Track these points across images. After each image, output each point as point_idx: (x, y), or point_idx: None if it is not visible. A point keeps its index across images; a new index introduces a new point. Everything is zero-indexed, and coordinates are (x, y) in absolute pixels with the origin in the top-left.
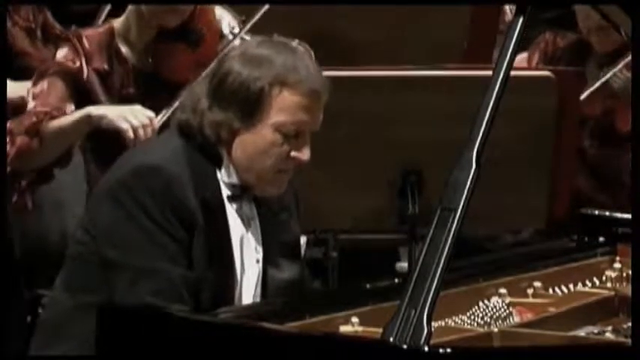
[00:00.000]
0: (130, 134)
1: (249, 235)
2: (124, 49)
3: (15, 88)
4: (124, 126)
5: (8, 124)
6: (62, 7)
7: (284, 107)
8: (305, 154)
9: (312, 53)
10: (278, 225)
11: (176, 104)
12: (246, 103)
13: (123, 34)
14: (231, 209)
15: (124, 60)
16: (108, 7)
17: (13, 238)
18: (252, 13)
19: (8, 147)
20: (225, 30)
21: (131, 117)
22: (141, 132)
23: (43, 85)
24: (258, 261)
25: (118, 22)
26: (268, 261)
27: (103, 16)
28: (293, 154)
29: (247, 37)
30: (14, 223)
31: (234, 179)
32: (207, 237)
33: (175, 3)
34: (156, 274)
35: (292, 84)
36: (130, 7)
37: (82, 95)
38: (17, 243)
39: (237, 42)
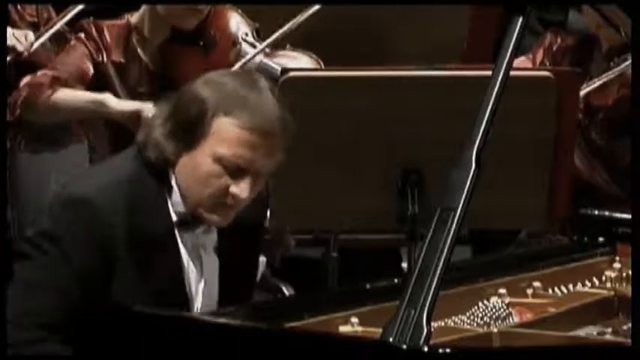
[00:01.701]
0: (145, 116)
1: (199, 264)
2: (138, 46)
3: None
4: (144, 109)
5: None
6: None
7: (225, 138)
8: (242, 192)
9: (322, 64)
10: (238, 250)
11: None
12: (189, 126)
13: (138, 31)
14: (181, 237)
15: (138, 57)
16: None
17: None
18: (262, 17)
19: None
20: (239, 37)
21: (150, 106)
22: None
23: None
24: (207, 283)
25: (134, 18)
26: (223, 282)
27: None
28: (232, 189)
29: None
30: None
31: (182, 207)
32: (148, 267)
33: (177, 3)
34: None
35: (235, 114)
36: (145, 5)
37: (101, 89)
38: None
39: (252, 52)
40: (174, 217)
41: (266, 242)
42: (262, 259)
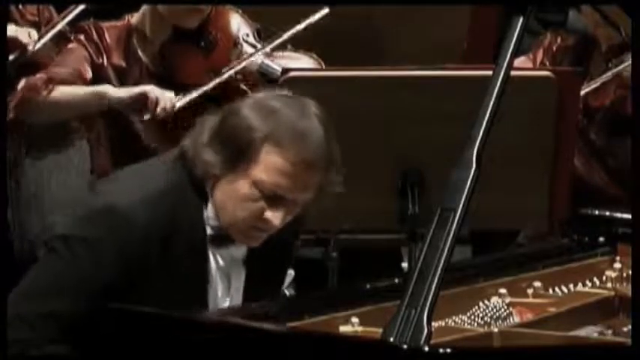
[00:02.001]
0: (153, 98)
1: (227, 280)
2: (138, 47)
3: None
4: (147, 92)
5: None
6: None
7: (268, 166)
8: (276, 219)
9: (322, 64)
10: (266, 263)
11: (194, 93)
12: (237, 150)
13: (139, 32)
14: (211, 249)
15: (138, 59)
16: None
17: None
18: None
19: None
20: (239, 38)
21: (154, 91)
22: (162, 104)
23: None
24: (232, 297)
25: (135, 18)
26: (248, 296)
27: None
28: (266, 214)
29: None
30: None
31: (216, 222)
32: (177, 277)
33: (178, 3)
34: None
35: (285, 147)
36: (146, 5)
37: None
38: (17, 236)
39: (256, 56)
40: (208, 231)
41: None
42: (290, 272)
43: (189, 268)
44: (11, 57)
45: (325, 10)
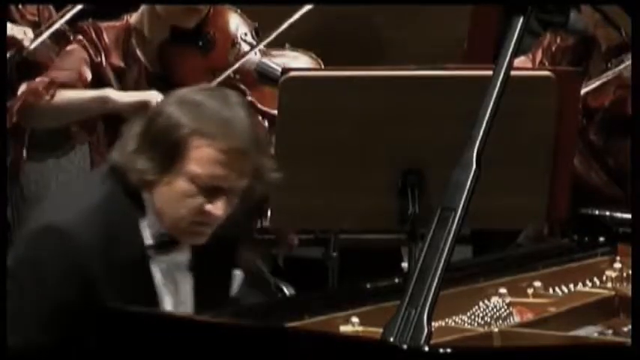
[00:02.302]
0: (154, 104)
1: (173, 287)
2: (137, 47)
3: None
4: (149, 99)
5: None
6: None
7: (201, 159)
8: (217, 210)
9: (322, 64)
10: (214, 262)
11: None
12: (167, 151)
13: (137, 32)
14: (154, 259)
15: (137, 59)
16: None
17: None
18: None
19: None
20: (238, 37)
21: (156, 98)
22: None
23: (65, 51)
24: (184, 303)
25: (133, 19)
26: (198, 298)
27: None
28: (207, 207)
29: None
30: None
31: (157, 228)
32: (125, 293)
33: (177, 3)
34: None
35: (213, 138)
36: (144, 5)
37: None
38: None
39: (253, 52)
40: (148, 241)
41: (269, 241)
42: (237, 272)
43: (132, 281)
44: (7, 55)
45: (310, 6)
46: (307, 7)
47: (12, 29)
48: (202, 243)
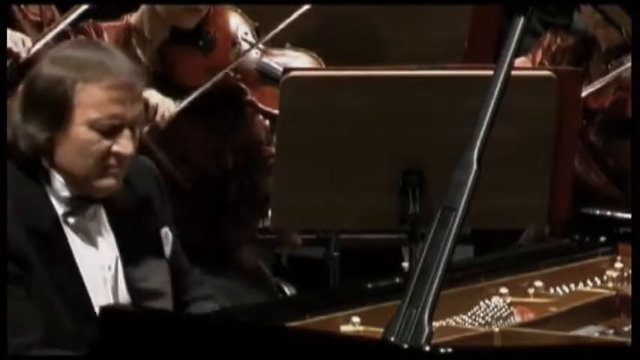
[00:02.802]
0: (153, 104)
1: (97, 247)
2: (137, 47)
3: None
4: (148, 100)
5: None
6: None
7: (92, 103)
8: (126, 148)
9: (322, 63)
10: (134, 224)
11: (191, 96)
12: (54, 106)
13: (137, 32)
14: (70, 226)
15: (138, 59)
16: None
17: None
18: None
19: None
20: (238, 36)
21: (155, 98)
22: (160, 112)
23: None
24: (110, 268)
25: (134, 19)
26: (129, 266)
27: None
28: (114, 149)
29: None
30: None
31: (66, 191)
32: (47, 265)
33: (177, 3)
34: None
35: (97, 78)
36: (144, 5)
37: None
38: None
39: (253, 51)
40: (58, 207)
41: (272, 241)
42: (166, 229)
43: (53, 252)
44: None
45: (308, 5)
46: (306, 7)
47: (11, 37)
48: (117, 188)
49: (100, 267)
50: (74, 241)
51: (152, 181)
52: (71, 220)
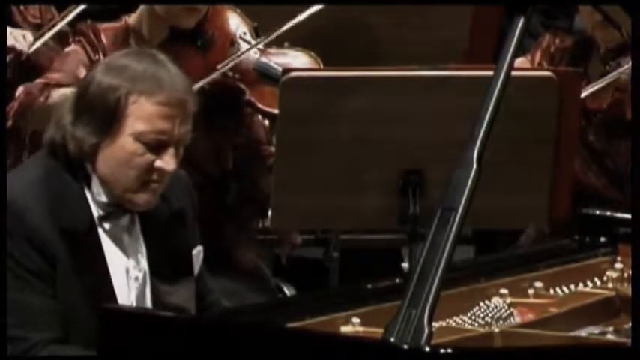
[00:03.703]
0: None
1: (129, 254)
2: (136, 47)
3: None
4: None
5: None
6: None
7: (142, 116)
8: (168, 165)
9: (321, 62)
10: (167, 238)
11: (201, 82)
12: (105, 114)
13: (136, 32)
14: (104, 231)
15: None
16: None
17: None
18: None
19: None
20: (237, 37)
21: None
22: None
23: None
24: (137, 279)
25: (132, 19)
26: (157, 279)
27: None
28: (157, 164)
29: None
30: None
31: (104, 197)
32: (77, 266)
33: (176, 3)
34: (20, 306)
35: (150, 92)
36: (143, 5)
37: None
38: None
39: (251, 51)
40: (95, 211)
41: (272, 241)
42: (199, 248)
43: (82, 251)
44: (7, 58)
45: (314, 9)
46: (310, 11)
47: (11, 33)
48: (153, 204)
49: (127, 275)
50: (106, 245)
51: (187, 197)
52: (106, 225)
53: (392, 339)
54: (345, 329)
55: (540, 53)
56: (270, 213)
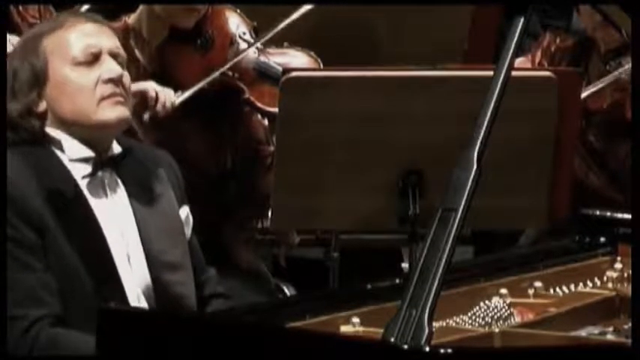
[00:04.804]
0: (152, 94)
1: (117, 213)
2: (135, 48)
3: None
4: (147, 89)
5: None
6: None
7: (67, 45)
8: (112, 71)
9: (320, 62)
10: (151, 201)
11: (192, 89)
12: (31, 70)
13: (135, 32)
14: (88, 190)
15: (136, 59)
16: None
17: None
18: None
19: None
20: (237, 36)
21: (154, 88)
22: (161, 100)
23: None
24: (123, 235)
25: (131, 19)
26: (147, 238)
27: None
28: (103, 76)
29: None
30: None
31: (78, 150)
32: (68, 230)
33: (176, 3)
34: (15, 285)
35: (59, 26)
36: (142, 5)
37: None
38: None
39: (251, 50)
40: (75, 173)
41: (271, 241)
42: (186, 209)
43: (73, 216)
44: None
45: (309, 6)
46: (307, 7)
47: (10, 41)
48: (127, 116)
49: (118, 232)
50: (94, 203)
51: (167, 166)
52: (89, 184)
53: (392, 339)
54: (345, 329)
55: (541, 53)
56: (269, 213)
